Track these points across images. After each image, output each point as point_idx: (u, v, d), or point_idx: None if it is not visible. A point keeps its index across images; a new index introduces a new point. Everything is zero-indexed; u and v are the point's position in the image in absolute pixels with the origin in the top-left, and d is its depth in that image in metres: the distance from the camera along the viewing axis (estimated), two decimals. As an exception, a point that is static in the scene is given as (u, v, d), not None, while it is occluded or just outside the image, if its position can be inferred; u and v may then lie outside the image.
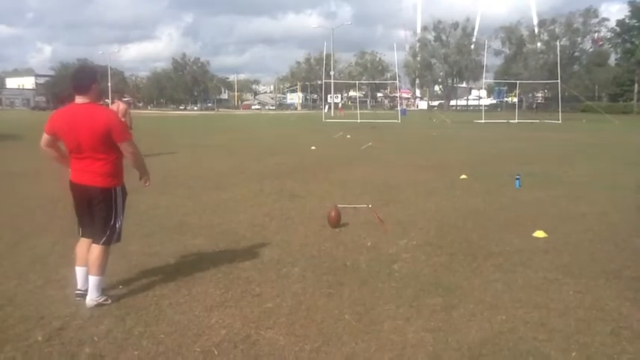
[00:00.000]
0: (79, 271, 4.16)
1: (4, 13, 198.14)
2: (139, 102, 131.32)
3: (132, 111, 15.74)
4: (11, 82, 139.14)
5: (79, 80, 4.03)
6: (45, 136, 4.15)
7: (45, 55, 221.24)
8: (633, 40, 73.88)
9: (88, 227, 4.19)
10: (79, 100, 3.99)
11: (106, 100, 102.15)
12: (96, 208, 4.09)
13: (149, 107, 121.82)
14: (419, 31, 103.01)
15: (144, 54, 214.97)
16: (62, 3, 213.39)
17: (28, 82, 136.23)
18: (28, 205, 8.02)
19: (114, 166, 4.09)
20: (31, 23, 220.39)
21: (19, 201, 8.32)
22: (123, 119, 16.63)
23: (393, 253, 5.46)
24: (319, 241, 5.90)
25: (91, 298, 4.01)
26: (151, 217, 7.12)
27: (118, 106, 14.05)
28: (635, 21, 75.36)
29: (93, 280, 4.03)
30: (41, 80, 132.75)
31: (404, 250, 5.54)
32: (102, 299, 4.04)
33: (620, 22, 77.44)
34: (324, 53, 61.85)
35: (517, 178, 9.68)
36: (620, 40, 77.53)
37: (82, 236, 4.23)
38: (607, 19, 79.53)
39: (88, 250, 4.11)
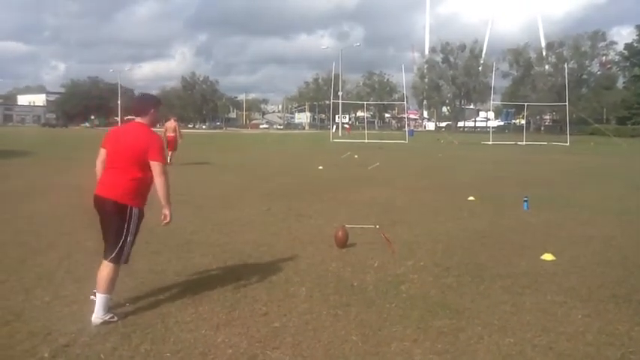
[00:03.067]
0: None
1: (21, 31, 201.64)
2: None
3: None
4: (23, 99, 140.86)
5: (140, 104, 4.42)
6: (100, 150, 4.40)
7: (59, 72, 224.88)
8: (642, 63, 74.13)
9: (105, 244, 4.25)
10: (138, 119, 4.32)
11: (115, 118, 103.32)
12: (110, 221, 4.18)
13: (157, 125, 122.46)
14: (427, 52, 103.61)
15: (156, 72, 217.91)
16: (79, 21, 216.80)
17: (40, 99, 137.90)
18: (35, 221, 8.05)
19: (139, 187, 4.20)
20: (46, 41, 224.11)
21: (27, 217, 8.36)
22: (174, 133, 19.21)
23: (400, 274, 5.44)
24: (326, 261, 5.90)
25: (97, 316, 4.02)
26: (158, 235, 7.12)
27: (171, 123, 19.31)
28: (643, 45, 75.69)
29: (100, 298, 4.06)
30: (52, 97, 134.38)
31: (411, 271, 5.52)
32: (108, 317, 4.05)
33: (628, 46, 77.78)
34: (333, 74, 62.30)
35: (525, 201, 9.65)
36: (628, 64, 77.73)
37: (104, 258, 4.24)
38: (615, 43, 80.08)
39: None
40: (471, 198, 10.66)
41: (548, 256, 6.08)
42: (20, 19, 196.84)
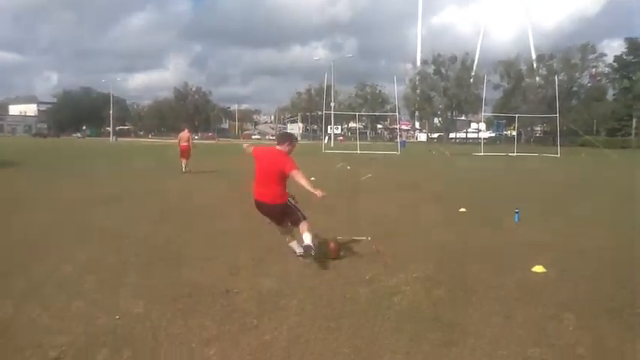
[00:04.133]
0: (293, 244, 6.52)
1: (13, 41, 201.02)
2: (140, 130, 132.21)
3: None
4: (14, 109, 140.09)
5: (283, 139, 6.58)
6: (248, 152, 6.85)
7: (52, 82, 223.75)
8: (631, 75, 74.84)
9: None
10: (278, 147, 6.42)
11: (108, 128, 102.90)
12: (283, 213, 6.44)
13: (150, 135, 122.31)
14: (419, 64, 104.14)
15: (150, 83, 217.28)
16: (72, 32, 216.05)
17: (31, 109, 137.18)
18: (24, 233, 7.99)
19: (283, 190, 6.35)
20: (39, 51, 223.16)
21: (15, 229, 8.29)
22: (187, 142, 20.14)
23: (392, 286, 5.43)
24: (318, 273, 5.88)
25: (309, 243, 6.09)
26: (150, 247, 7.10)
27: (185, 133, 20.46)
28: (632, 57, 76.51)
29: (307, 236, 6.12)
30: (44, 107, 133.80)
31: (403, 284, 5.51)
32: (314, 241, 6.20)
33: (617, 58, 78.58)
34: (325, 84, 62.50)
35: (516, 212, 9.68)
36: (617, 76, 78.53)
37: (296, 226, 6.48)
38: (605, 55, 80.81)
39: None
40: (463, 209, 10.69)
41: (539, 268, 6.10)
42: (12, 29, 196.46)
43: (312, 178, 17.10)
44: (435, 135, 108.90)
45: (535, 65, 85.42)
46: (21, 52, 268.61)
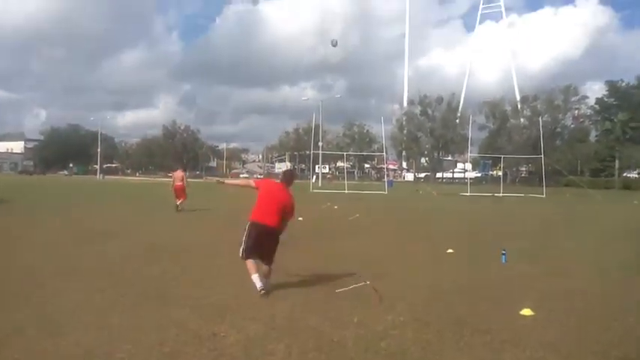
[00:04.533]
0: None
1: (2, 77, 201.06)
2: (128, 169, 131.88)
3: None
4: (1, 146, 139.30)
5: (291, 178, 7.43)
6: (252, 184, 7.48)
7: (40, 118, 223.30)
8: (612, 117, 76.53)
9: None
10: (286, 186, 7.17)
11: (95, 166, 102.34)
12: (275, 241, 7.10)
13: (137, 174, 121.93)
14: (405, 104, 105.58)
15: (139, 120, 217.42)
16: (62, 69, 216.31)
17: (18, 146, 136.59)
18: (8, 272, 7.88)
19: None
20: (28, 88, 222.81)
21: (0, 269, 8.17)
22: (181, 182, 20.00)
23: (380, 330, 5.40)
24: (306, 316, 5.84)
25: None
26: (137, 286, 7.03)
27: (179, 173, 20.65)
28: (612, 99, 78.41)
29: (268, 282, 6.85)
30: (31, 144, 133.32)
31: (391, 327, 5.49)
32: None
33: (599, 101, 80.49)
34: (313, 124, 63.05)
35: (503, 253, 9.72)
36: (599, 118, 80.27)
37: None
38: (587, 97, 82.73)
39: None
40: (450, 250, 10.72)
41: (526, 311, 6.10)
42: (1, 65, 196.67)
43: (300, 218, 17.17)
44: (422, 175, 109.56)
45: (519, 106, 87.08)
46: (9, 88, 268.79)
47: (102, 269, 8.17)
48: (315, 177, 65.31)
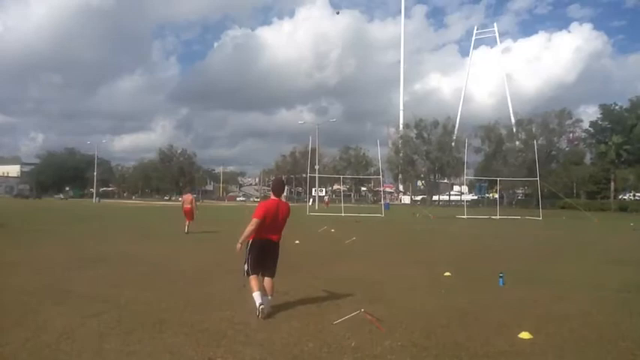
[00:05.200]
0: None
1: (1, 102, 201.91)
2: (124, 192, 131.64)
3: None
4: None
5: (282, 188, 7.55)
6: (256, 222, 6.86)
7: (37, 142, 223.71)
8: (606, 140, 77.05)
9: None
10: (281, 197, 7.31)
11: (91, 189, 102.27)
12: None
13: (133, 197, 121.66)
14: (401, 128, 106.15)
15: (136, 144, 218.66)
16: (59, 94, 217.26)
17: (14, 170, 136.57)
18: (3, 297, 7.80)
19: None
20: (25, 112, 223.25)
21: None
22: (190, 205, 20.71)
23: (377, 354, 5.35)
24: (302, 341, 5.78)
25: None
26: (131, 312, 6.97)
27: (188, 196, 21.70)
28: (606, 123, 79.01)
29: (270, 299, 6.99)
30: (27, 168, 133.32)
31: (389, 352, 5.44)
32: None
33: (593, 124, 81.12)
34: (310, 147, 63.31)
35: (500, 277, 9.69)
36: (594, 141, 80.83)
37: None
38: (581, 120, 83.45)
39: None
40: (447, 273, 10.67)
41: (525, 335, 6.06)
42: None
43: (297, 242, 17.09)
44: (419, 197, 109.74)
45: (515, 130, 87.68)
46: (6, 112, 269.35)
47: (96, 294, 8.10)
48: (311, 200, 65.28)
